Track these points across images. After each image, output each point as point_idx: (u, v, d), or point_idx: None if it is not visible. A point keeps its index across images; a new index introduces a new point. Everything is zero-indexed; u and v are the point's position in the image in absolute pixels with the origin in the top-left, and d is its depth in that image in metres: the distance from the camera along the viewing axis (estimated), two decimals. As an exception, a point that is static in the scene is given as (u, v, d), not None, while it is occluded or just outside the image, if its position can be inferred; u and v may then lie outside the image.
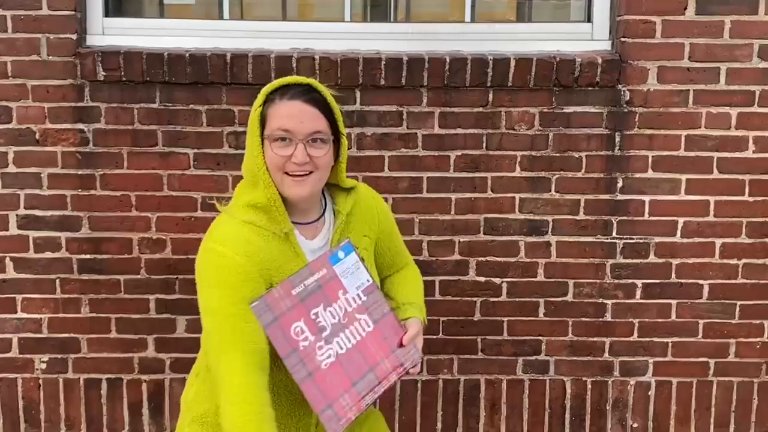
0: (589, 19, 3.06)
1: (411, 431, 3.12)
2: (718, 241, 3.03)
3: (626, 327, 3.08)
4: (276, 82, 1.87)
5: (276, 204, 1.83)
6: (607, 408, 3.14)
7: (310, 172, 1.84)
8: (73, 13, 2.87)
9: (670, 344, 3.10)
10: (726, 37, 2.91)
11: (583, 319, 3.08)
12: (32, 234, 2.98)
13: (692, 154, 2.98)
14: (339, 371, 1.84)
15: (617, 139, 2.97)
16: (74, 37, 2.88)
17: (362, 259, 1.93)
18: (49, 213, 2.97)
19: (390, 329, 1.93)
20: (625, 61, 2.92)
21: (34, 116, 2.91)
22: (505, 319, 3.07)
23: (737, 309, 3.08)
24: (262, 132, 1.85)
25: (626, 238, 3.02)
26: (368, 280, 1.93)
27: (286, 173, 1.82)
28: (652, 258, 3.03)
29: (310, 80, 1.88)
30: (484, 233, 3.02)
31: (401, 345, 1.92)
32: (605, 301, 3.07)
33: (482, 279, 3.05)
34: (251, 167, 1.85)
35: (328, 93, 1.88)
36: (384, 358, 1.90)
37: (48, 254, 2.99)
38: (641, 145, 2.97)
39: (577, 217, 3.01)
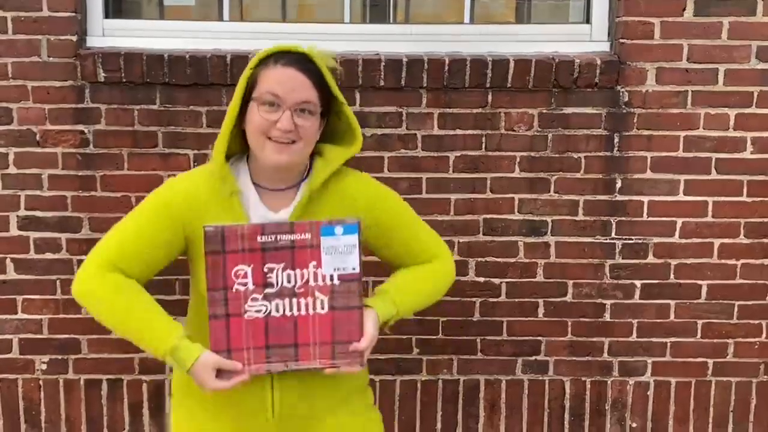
0: (587, 21, 3.06)
1: (410, 431, 3.13)
2: (717, 242, 3.04)
3: (625, 327, 3.09)
4: (273, 47, 1.86)
5: (223, 170, 1.86)
6: (606, 408, 3.14)
7: (293, 141, 1.82)
8: (73, 14, 2.88)
9: (668, 344, 3.10)
10: (724, 39, 2.92)
11: (582, 319, 3.08)
12: (33, 235, 2.98)
13: (690, 154, 2.99)
14: (259, 329, 1.79)
15: (616, 140, 2.98)
16: (74, 38, 2.88)
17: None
18: (49, 214, 2.97)
19: (345, 324, 1.82)
20: (624, 62, 2.93)
21: (35, 117, 2.92)
22: (505, 319, 3.08)
23: (735, 309, 3.08)
24: (247, 96, 1.85)
25: (625, 239, 3.03)
26: (354, 269, 1.82)
27: (269, 138, 1.81)
28: (650, 258, 3.04)
29: (308, 50, 1.85)
30: (484, 234, 3.02)
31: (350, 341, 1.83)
32: (604, 302, 3.07)
33: (481, 279, 3.05)
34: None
35: (324, 65, 1.86)
36: (317, 344, 1.82)
37: (48, 255, 2.99)
38: (640, 146, 2.98)
39: (576, 218, 3.02)
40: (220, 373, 1.80)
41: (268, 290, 1.79)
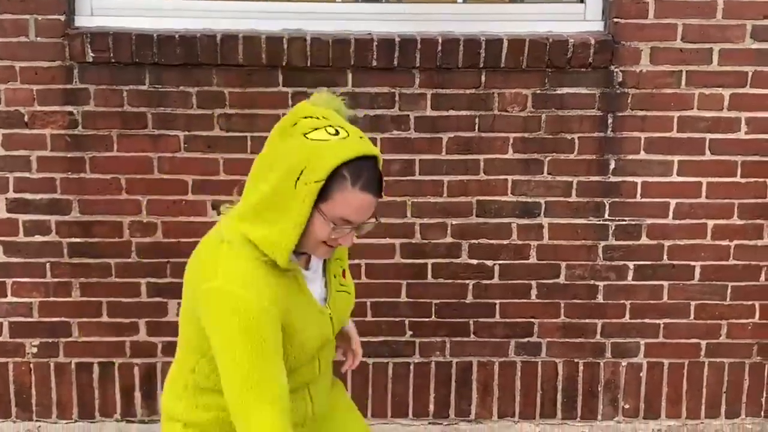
0: (581, 0, 3.04)
1: (403, 413, 3.13)
2: (710, 223, 3.03)
3: (618, 309, 3.09)
4: (346, 153, 1.63)
5: (290, 264, 1.72)
6: (599, 389, 3.15)
7: None
8: (61, -7, 2.84)
9: (661, 326, 3.10)
10: (719, 18, 2.90)
11: (575, 301, 3.08)
12: (21, 217, 2.96)
13: (685, 135, 2.97)
14: None
15: (610, 120, 2.96)
16: (63, 18, 2.84)
17: None
18: (38, 196, 2.95)
19: None
20: (618, 41, 2.91)
21: (23, 98, 2.88)
22: (498, 301, 3.07)
23: (729, 290, 3.08)
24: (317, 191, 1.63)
25: (618, 220, 3.02)
26: None
27: (324, 242, 1.72)
28: (644, 240, 3.04)
29: (377, 151, 1.71)
30: (477, 215, 3.01)
31: None
32: (597, 283, 3.07)
33: (474, 261, 3.04)
34: (281, 220, 1.65)
35: (381, 160, 1.73)
36: None
37: (38, 238, 2.97)
38: (634, 127, 2.97)
39: (570, 199, 3.01)
40: None
41: None
